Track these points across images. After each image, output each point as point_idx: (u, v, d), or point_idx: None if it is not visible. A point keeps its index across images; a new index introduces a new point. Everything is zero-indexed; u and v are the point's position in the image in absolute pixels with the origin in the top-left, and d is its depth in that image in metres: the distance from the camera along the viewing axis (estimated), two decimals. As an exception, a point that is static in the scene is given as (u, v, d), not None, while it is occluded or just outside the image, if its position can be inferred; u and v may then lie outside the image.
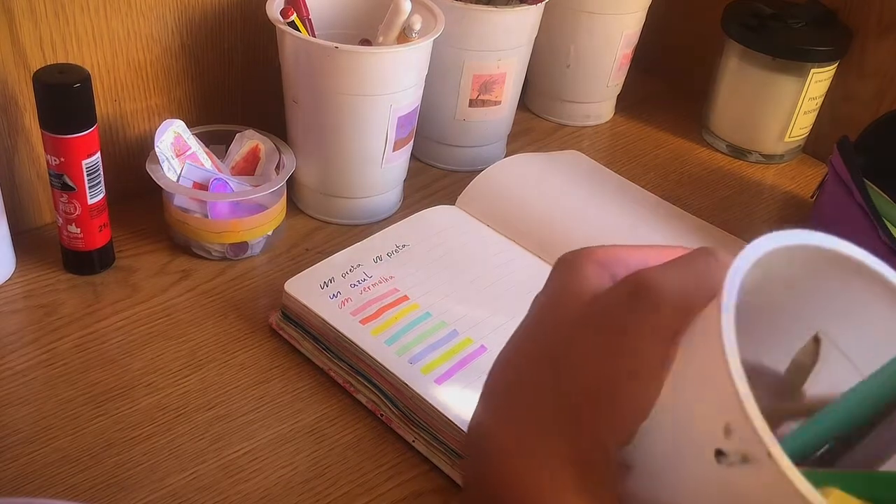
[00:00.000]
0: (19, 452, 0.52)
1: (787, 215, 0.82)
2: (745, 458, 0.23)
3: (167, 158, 0.66)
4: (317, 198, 0.73)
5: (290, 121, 0.71)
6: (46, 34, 0.62)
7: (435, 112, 0.78)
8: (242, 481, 0.52)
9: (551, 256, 0.67)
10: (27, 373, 0.57)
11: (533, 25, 0.77)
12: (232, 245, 0.67)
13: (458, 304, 0.61)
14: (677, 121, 0.93)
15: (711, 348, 0.25)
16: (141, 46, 0.68)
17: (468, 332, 0.58)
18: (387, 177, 0.72)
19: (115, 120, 0.69)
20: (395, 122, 0.68)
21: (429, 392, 0.54)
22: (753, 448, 0.23)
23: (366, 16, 0.72)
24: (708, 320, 0.26)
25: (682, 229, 0.72)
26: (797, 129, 0.87)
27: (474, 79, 0.76)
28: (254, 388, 0.57)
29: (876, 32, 0.82)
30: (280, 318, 0.61)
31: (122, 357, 0.59)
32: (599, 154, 0.85)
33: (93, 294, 0.64)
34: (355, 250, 0.64)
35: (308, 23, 0.68)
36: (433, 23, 0.68)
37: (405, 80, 0.66)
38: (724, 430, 0.24)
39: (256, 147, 0.70)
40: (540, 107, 0.92)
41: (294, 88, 0.68)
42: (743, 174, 0.87)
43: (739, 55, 0.85)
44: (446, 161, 0.82)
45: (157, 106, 0.71)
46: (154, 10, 0.67)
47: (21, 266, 0.65)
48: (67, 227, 0.63)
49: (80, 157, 0.59)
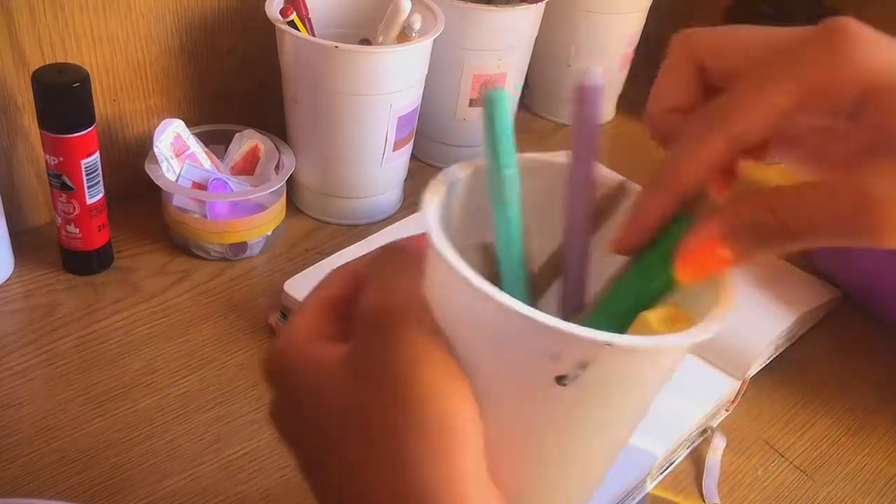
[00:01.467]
0: (19, 453, 0.52)
1: (787, 215, 0.81)
2: (583, 364, 0.26)
3: (166, 158, 0.66)
4: (316, 198, 0.73)
5: (289, 121, 0.71)
6: (45, 34, 0.62)
7: (435, 112, 0.78)
8: (242, 482, 0.52)
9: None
10: (26, 373, 0.57)
11: (533, 25, 0.77)
12: (231, 245, 0.67)
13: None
14: (678, 121, 0.93)
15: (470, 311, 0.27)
16: (140, 46, 0.68)
17: None
18: (387, 177, 0.72)
19: (114, 120, 0.69)
20: (395, 122, 0.68)
21: None
22: (587, 352, 0.26)
23: (366, 15, 0.72)
24: (435, 274, 0.29)
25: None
26: (798, 129, 0.87)
27: (474, 79, 0.76)
28: (253, 389, 0.57)
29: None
30: (280, 318, 0.61)
31: (122, 357, 0.59)
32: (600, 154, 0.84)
33: (92, 294, 0.63)
34: (355, 250, 0.64)
35: (308, 22, 0.68)
36: (433, 22, 0.68)
37: (405, 79, 0.66)
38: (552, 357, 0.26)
39: (256, 147, 0.70)
40: (540, 107, 0.92)
41: (294, 88, 0.68)
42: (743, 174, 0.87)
43: (740, 55, 0.85)
44: (446, 161, 0.82)
45: (157, 106, 0.71)
46: (153, 9, 0.67)
47: (20, 266, 0.65)
48: (66, 226, 0.62)
49: (79, 156, 0.59)
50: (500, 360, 0.28)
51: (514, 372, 0.28)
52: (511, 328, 0.27)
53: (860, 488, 0.56)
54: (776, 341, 0.63)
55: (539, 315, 0.25)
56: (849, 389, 0.63)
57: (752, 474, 0.56)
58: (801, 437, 0.59)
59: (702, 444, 0.57)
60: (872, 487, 0.56)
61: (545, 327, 0.25)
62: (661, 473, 0.55)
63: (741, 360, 0.60)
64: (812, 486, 0.56)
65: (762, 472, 0.56)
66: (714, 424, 0.59)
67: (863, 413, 0.62)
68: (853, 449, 0.59)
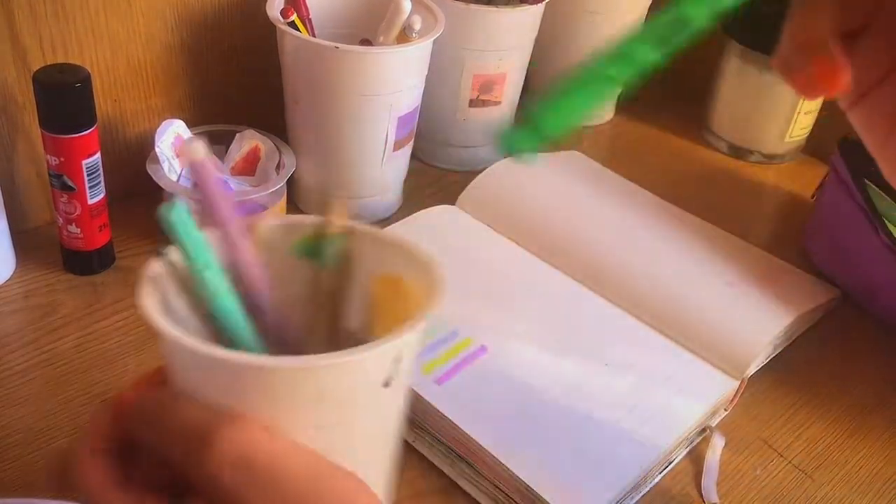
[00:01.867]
0: (19, 452, 0.52)
1: (787, 215, 0.82)
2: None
3: (168, 159, 0.66)
4: (317, 198, 0.73)
5: (290, 121, 0.71)
6: (46, 34, 0.62)
7: (435, 112, 0.78)
8: (242, 481, 0.52)
9: (551, 256, 0.67)
10: (27, 373, 0.57)
11: (533, 25, 0.77)
12: (232, 245, 0.67)
13: (458, 305, 0.61)
14: (678, 121, 0.93)
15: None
16: (141, 46, 0.68)
17: (468, 333, 0.58)
18: (387, 177, 0.72)
19: (115, 120, 0.69)
20: (395, 122, 0.68)
21: (429, 393, 0.54)
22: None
23: (366, 16, 0.72)
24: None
25: (682, 229, 0.72)
26: (797, 130, 0.87)
27: (474, 79, 0.76)
28: (253, 388, 0.57)
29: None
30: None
31: (122, 357, 0.59)
32: (600, 154, 0.84)
33: (92, 294, 0.64)
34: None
35: (308, 23, 0.68)
36: (433, 23, 0.68)
37: (405, 80, 0.66)
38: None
39: (256, 147, 0.70)
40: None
41: (294, 88, 0.68)
42: (743, 174, 0.87)
43: (740, 55, 0.85)
44: (446, 161, 0.82)
45: (158, 106, 0.71)
46: (154, 9, 0.67)
47: (21, 266, 0.65)
48: (67, 226, 0.63)
49: (80, 156, 0.59)
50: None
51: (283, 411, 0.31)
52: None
53: (858, 488, 0.56)
54: (775, 341, 0.64)
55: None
56: (848, 389, 0.63)
57: (750, 473, 0.56)
58: (799, 436, 0.59)
59: (700, 444, 0.58)
60: (871, 487, 0.57)
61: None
62: (661, 472, 0.55)
63: (740, 359, 0.60)
64: (811, 486, 0.56)
65: (761, 472, 0.56)
66: (713, 423, 0.59)
67: (861, 413, 0.62)
68: (852, 449, 0.59)
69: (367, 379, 0.31)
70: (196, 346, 0.29)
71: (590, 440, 0.53)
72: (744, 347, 0.60)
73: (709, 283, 0.66)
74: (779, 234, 0.78)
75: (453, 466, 0.53)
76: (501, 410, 0.54)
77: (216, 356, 0.29)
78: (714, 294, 0.65)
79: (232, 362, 0.29)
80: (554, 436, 0.53)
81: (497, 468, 0.50)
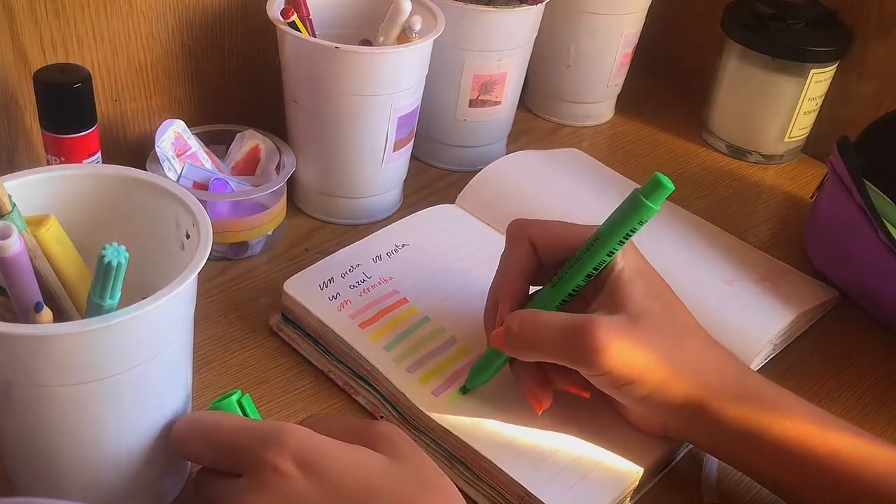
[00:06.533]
0: (20, 452, 0.52)
1: (786, 215, 0.82)
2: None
3: (168, 158, 0.66)
4: (317, 197, 0.73)
5: (290, 121, 0.71)
6: (47, 34, 0.62)
7: (435, 112, 0.78)
8: (242, 481, 0.52)
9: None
10: None
11: (533, 25, 0.77)
12: (232, 245, 0.67)
13: (457, 308, 0.61)
14: (677, 121, 0.93)
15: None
16: (141, 46, 0.68)
17: (465, 340, 0.58)
18: (387, 177, 0.72)
19: (115, 120, 0.69)
20: (396, 122, 0.68)
21: (426, 403, 0.53)
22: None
23: (366, 16, 0.73)
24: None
25: (681, 229, 0.72)
26: (797, 130, 0.87)
27: (474, 79, 0.76)
28: (254, 388, 0.57)
29: (876, 33, 0.82)
30: (280, 320, 0.61)
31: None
32: (599, 154, 0.85)
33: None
34: (355, 250, 0.64)
35: (308, 23, 0.68)
36: (433, 23, 0.69)
37: (405, 80, 0.66)
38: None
39: (256, 147, 0.70)
40: (540, 107, 0.92)
41: (294, 88, 0.68)
42: (743, 174, 0.87)
43: (739, 55, 0.85)
44: (446, 161, 0.82)
45: (158, 106, 0.71)
46: (154, 9, 0.67)
47: (21, 266, 0.65)
48: (68, 226, 0.63)
49: (81, 156, 0.59)
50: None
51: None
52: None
53: (858, 488, 0.56)
54: (774, 341, 0.64)
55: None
56: (846, 390, 0.64)
57: (750, 474, 0.56)
58: (799, 436, 0.60)
59: (700, 444, 0.58)
60: (870, 487, 0.57)
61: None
62: (660, 472, 0.55)
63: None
64: (810, 486, 0.56)
65: (760, 472, 0.56)
66: (713, 424, 0.59)
67: (860, 414, 0.62)
68: (851, 448, 0.59)
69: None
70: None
71: (588, 443, 0.53)
72: (743, 347, 0.60)
73: (708, 283, 0.66)
74: (778, 235, 0.78)
75: (452, 469, 0.53)
76: (501, 416, 0.53)
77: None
78: (713, 294, 0.65)
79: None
80: (552, 439, 0.52)
81: (495, 472, 0.50)
